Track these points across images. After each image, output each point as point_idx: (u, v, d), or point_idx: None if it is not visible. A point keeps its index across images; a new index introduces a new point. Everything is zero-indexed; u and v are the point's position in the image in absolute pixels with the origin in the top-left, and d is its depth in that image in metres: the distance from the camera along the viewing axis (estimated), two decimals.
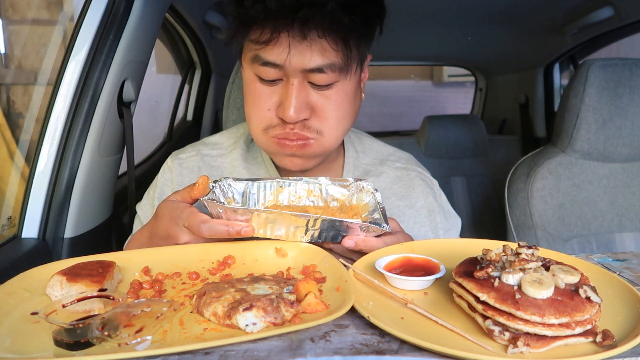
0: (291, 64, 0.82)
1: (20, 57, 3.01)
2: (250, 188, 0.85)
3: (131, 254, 0.75)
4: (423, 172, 1.10)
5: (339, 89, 0.87)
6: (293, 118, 0.83)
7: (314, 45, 0.81)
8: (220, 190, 0.81)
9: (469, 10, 2.02)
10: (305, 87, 0.85)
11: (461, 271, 0.60)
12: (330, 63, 0.83)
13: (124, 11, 1.23)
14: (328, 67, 0.83)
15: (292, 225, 0.74)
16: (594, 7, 1.92)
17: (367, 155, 1.08)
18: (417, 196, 1.04)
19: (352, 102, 0.91)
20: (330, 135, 0.89)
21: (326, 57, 0.82)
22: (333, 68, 0.83)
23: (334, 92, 0.86)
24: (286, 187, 0.87)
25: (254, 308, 0.54)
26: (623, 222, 1.69)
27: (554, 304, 0.52)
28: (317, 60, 0.82)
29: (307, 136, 0.87)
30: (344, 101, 0.88)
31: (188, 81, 2.56)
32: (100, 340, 0.52)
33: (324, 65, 0.82)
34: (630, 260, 0.80)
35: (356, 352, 0.51)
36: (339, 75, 0.85)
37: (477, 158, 2.64)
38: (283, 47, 0.81)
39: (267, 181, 0.86)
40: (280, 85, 0.86)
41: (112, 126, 1.31)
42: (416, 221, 1.02)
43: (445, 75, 5.93)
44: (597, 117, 1.61)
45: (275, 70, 0.83)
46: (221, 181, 0.82)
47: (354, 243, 0.75)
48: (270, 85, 0.86)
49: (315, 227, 0.74)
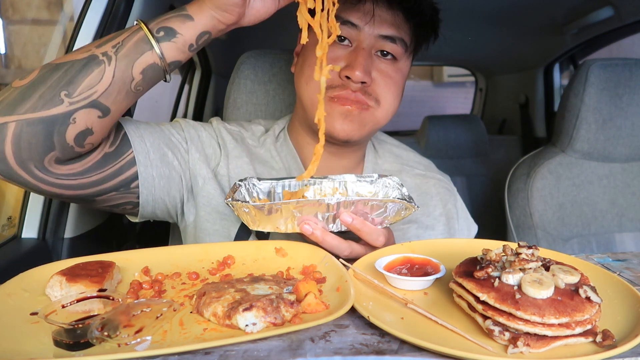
0: (369, 28, 0.91)
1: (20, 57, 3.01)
2: (275, 187, 0.87)
3: (131, 254, 0.75)
4: (443, 179, 1.10)
5: (398, 68, 0.95)
6: (359, 77, 0.88)
7: (392, 16, 0.92)
8: (246, 189, 0.82)
9: (469, 10, 2.01)
10: (372, 56, 0.93)
11: (461, 271, 0.60)
12: (402, 37, 0.94)
13: (124, 11, 1.23)
14: (399, 40, 0.93)
15: (320, 213, 0.75)
16: (594, 7, 1.92)
17: (386, 159, 1.09)
18: (435, 204, 1.04)
19: (402, 85, 0.99)
20: (385, 109, 0.95)
21: (400, 30, 0.93)
22: (402, 43, 0.94)
23: (394, 70, 0.95)
24: (311, 185, 0.88)
25: (254, 308, 0.54)
26: (623, 222, 1.68)
27: (554, 304, 0.52)
28: (392, 30, 0.92)
29: (365, 101, 0.92)
30: (400, 82, 0.97)
31: (188, 81, 2.56)
32: (100, 340, 0.52)
33: (397, 37, 0.93)
34: (630, 260, 0.80)
35: (356, 352, 0.51)
36: (403, 52, 0.95)
37: (477, 158, 2.64)
38: (366, 10, 0.91)
39: (292, 180, 0.87)
40: (349, 51, 0.92)
41: None
42: (434, 228, 1.02)
43: (445, 75, 5.93)
44: (597, 117, 1.61)
45: (351, 30, 0.91)
46: (246, 180, 0.84)
47: (352, 219, 0.75)
48: (339, 45, 0.91)
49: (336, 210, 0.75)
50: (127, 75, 0.75)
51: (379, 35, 0.91)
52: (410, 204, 0.77)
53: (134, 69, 0.75)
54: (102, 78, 0.73)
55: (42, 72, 0.73)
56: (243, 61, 1.35)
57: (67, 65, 0.73)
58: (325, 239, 0.75)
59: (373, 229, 0.77)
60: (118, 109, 0.77)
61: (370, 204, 0.75)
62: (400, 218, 0.78)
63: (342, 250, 0.75)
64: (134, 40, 0.75)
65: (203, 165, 0.94)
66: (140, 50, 0.75)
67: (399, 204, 0.76)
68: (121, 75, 0.74)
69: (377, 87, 0.93)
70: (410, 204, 0.77)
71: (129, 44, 0.74)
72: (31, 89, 0.71)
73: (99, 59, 0.73)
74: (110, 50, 0.74)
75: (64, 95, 0.71)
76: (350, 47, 0.92)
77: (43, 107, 0.71)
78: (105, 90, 0.74)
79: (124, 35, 0.75)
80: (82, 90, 0.72)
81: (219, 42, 2.24)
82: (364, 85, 0.91)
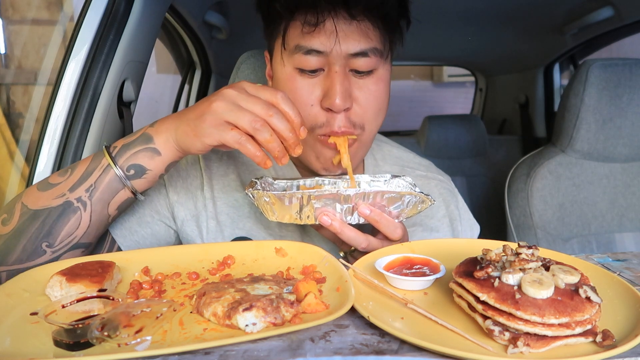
0: (336, 49, 0.83)
1: (20, 57, 3.01)
2: (291, 187, 0.88)
3: (131, 254, 0.75)
4: (444, 180, 1.09)
5: (377, 77, 0.88)
6: (340, 106, 0.83)
7: (358, 28, 0.83)
8: (262, 187, 0.83)
9: (469, 10, 2.01)
10: (347, 76, 0.85)
11: (461, 271, 0.60)
12: (373, 47, 0.85)
13: (124, 11, 1.23)
14: (371, 51, 0.85)
15: (338, 204, 0.75)
16: (594, 7, 1.92)
17: (386, 162, 1.08)
18: (438, 206, 1.03)
19: (387, 94, 0.91)
20: (370, 131, 0.90)
21: (369, 40, 0.84)
22: (375, 52, 0.85)
23: (373, 82, 0.87)
24: (326, 185, 0.89)
25: (253, 308, 0.54)
26: (623, 222, 1.69)
27: (554, 304, 0.52)
28: (361, 44, 0.83)
29: (352, 132, 0.87)
30: (382, 92, 0.89)
31: (188, 81, 2.56)
32: (100, 340, 0.52)
33: (368, 49, 0.84)
34: (630, 260, 0.80)
35: (356, 352, 0.51)
36: (378, 60, 0.87)
37: (477, 158, 2.64)
38: (328, 32, 0.82)
39: (307, 180, 0.88)
40: (321, 77, 0.86)
41: (112, 126, 1.31)
42: (439, 230, 1.01)
43: (445, 75, 5.92)
44: (597, 117, 1.61)
45: (318, 58, 0.84)
46: (262, 179, 0.84)
47: (370, 211, 0.75)
48: (311, 77, 0.86)
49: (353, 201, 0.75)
50: (103, 215, 0.78)
51: (348, 55, 0.84)
52: (427, 197, 0.77)
53: (110, 207, 0.78)
54: (80, 224, 0.77)
55: (22, 221, 0.76)
56: (243, 61, 1.35)
57: (44, 214, 0.75)
58: (343, 231, 0.75)
59: (390, 221, 0.77)
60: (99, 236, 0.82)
61: (388, 196, 0.76)
62: (416, 212, 0.79)
63: (360, 242, 0.76)
64: (105, 181, 0.76)
65: (181, 208, 0.93)
66: (114, 191, 0.77)
67: (416, 196, 0.77)
68: (98, 217, 0.78)
69: (358, 109, 0.86)
70: (427, 197, 0.77)
71: (102, 187, 0.76)
72: (14, 239, 0.75)
73: (74, 205, 0.76)
74: (84, 195, 0.76)
75: (46, 247, 0.75)
76: (323, 72, 0.85)
77: (28, 260, 0.75)
78: (85, 233, 0.78)
79: (95, 175, 0.76)
80: (62, 239, 0.76)
81: (219, 42, 2.24)
82: (348, 112, 0.86)
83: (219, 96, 0.72)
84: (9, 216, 0.77)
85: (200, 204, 0.94)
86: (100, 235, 0.82)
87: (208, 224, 0.93)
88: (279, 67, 0.89)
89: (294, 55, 0.85)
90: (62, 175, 0.78)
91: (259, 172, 1.00)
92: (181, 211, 0.93)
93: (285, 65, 0.87)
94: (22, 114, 2.76)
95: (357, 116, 0.87)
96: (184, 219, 0.93)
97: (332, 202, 0.75)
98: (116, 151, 0.77)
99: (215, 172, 0.98)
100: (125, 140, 0.78)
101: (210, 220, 0.93)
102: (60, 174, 0.78)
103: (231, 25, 2.07)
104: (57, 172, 0.80)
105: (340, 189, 0.75)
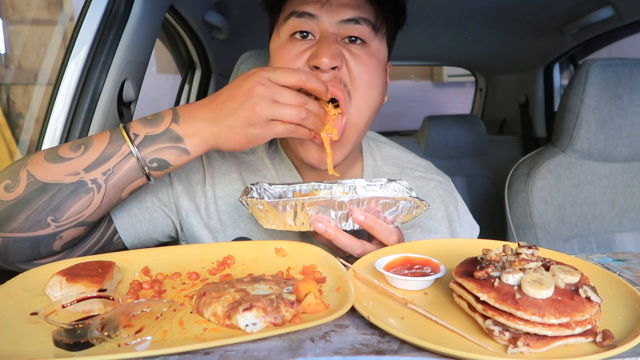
0: (328, 14, 0.85)
1: (20, 57, 3.01)
2: (287, 192, 0.87)
3: (131, 254, 0.75)
4: (443, 181, 1.08)
5: (370, 51, 0.88)
6: (327, 64, 0.81)
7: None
8: (257, 193, 0.83)
9: (469, 10, 2.01)
10: (339, 43, 0.86)
11: (461, 271, 0.60)
12: (365, 17, 0.86)
13: (124, 11, 1.23)
14: (362, 20, 0.86)
15: (332, 211, 0.75)
16: (594, 7, 1.92)
17: (385, 162, 1.07)
18: (437, 207, 1.03)
19: (379, 73, 0.90)
20: (359, 109, 0.87)
21: (361, 10, 0.86)
22: (367, 23, 0.86)
23: (365, 53, 0.87)
24: (322, 190, 0.88)
25: (254, 308, 0.54)
26: (623, 222, 1.69)
27: (554, 304, 0.52)
28: (353, 11, 0.85)
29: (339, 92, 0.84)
30: (374, 66, 0.88)
31: (188, 81, 2.56)
32: (100, 340, 0.52)
33: (360, 17, 0.86)
34: (630, 260, 0.80)
35: (356, 352, 0.51)
36: (370, 32, 0.87)
37: (477, 158, 2.64)
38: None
39: (303, 185, 0.88)
40: (312, 42, 0.86)
41: (112, 126, 1.31)
42: (437, 232, 1.01)
43: (445, 75, 5.92)
44: (597, 117, 1.61)
45: (309, 22, 0.86)
46: (258, 185, 0.84)
47: (364, 217, 0.76)
48: (302, 42, 0.86)
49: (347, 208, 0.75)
50: (115, 199, 0.78)
51: (340, 21, 0.85)
52: (422, 202, 0.77)
53: (123, 192, 0.78)
54: (90, 204, 0.76)
55: (29, 191, 0.73)
56: (243, 61, 1.35)
57: (54, 188, 0.73)
58: (338, 237, 0.75)
59: (385, 227, 0.77)
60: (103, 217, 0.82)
61: (382, 201, 0.76)
62: (411, 217, 0.79)
63: (355, 248, 0.76)
64: (125, 168, 0.75)
65: (186, 197, 0.93)
66: (131, 179, 0.76)
67: (411, 202, 0.77)
68: (109, 200, 0.77)
69: (349, 72, 0.85)
70: (421, 202, 0.77)
71: (120, 173, 0.75)
72: (17, 208, 0.73)
73: (88, 186, 0.74)
74: (100, 177, 0.74)
75: (51, 220, 0.74)
76: (314, 40, 0.86)
77: (29, 229, 0.74)
78: (92, 213, 0.77)
79: (114, 160, 0.74)
80: (69, 216, 0.75)
81: (219, 42, 2.24)
82: (336, 71, 0.84)
83: (255, 97, 0.72)
84: (13, 183, 0.74)
85: (200, 200, 0.94)
86: (104, 215, 0.82)
87: (210, 222, 0.94)
88: (274, 41, 0.91)
89: (288, 21, 0.87)
90: (75, 151, 0.75)
91: (260, 172, 0.99)
92: (186, 201, 0.93)
93: (280, 36, 0.89)
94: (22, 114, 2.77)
95: (346, 77, 0.86)
96: (189, 209, 0.93)
97: (326, 209, 0.75)
98: (139, 140, 0.75)
99: (217, 170, 0.97)
100: (148, 129, 0.75)
101: (212, 219, 0.94)
102: (72, 149, 0.75)
103: (231, 25, 2.07)
104: (67, 145, 0.76)
105: (334, 195, 0.75)
